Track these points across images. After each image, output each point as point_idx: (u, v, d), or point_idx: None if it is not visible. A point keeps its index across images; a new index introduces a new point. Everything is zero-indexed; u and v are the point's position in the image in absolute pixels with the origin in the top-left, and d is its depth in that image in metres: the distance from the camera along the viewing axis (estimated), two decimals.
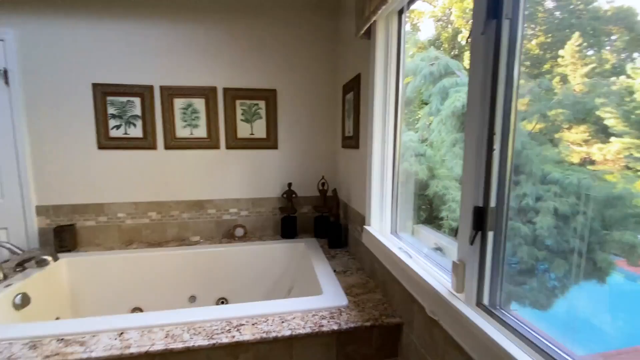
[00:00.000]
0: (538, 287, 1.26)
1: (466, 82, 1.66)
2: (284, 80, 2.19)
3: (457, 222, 1.50)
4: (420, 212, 1.97)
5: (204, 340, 1.07)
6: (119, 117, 2.02)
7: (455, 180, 1.88)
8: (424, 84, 2.08)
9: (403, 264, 1.12)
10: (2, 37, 1.86)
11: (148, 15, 1.98)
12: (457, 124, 1.81)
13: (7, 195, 1.96)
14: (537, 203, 1.22)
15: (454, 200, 1.84)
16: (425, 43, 2.37)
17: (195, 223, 2.18)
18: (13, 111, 1.91)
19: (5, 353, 1.01)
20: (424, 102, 2.05)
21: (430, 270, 1.05)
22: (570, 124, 1.14)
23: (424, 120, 2.08)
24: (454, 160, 1.86)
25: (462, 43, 2.32)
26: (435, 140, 1.93)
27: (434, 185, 1.93)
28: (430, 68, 1.97)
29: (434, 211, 1.94)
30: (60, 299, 1.75)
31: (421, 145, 2.01)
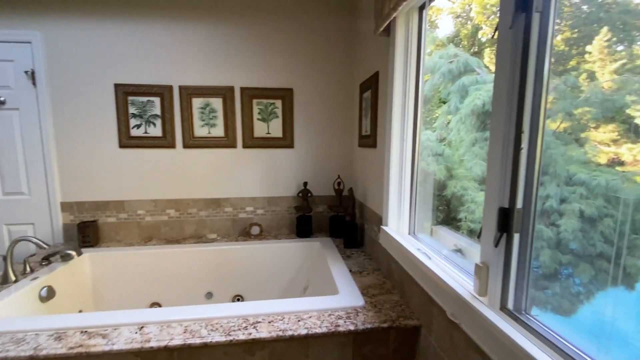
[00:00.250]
0: (561, 292, 1.22)
1: (487, 80, 1.61)
2: (301, 80, 2.19)
3: (476, 224, 1.46)
4: (437, 213, 1.93)
5: (221, 336, 1.08)
6: (140, 116, 2.06)
7: (474, 181, 1.83)
8: (442, 82, 2.04)
9: (422, 265, 1.10)
10: (29, 40, 1.94)
11: (167, 16, 2.02)
12: (477, 123, 1.77)
13: (34, 192, 2.03)
14: (561, 205, 1.18)
15: (472, 201, 1.79)
16: (443, 40, 2.33)
17: (212, 221, 2.21)
18: (40, 111, 1.98)
19: (32, 343, 1.05)
20: (442, 100, 2.01)
21: (450, 272, 1.03)
22: (597, 123, 1.09)
23: (442, 119, 2.04)
24: (473, 160, 1.81)
25: (482, 40, 2.26)
26: (453, 139, 1.89)
27: (452, 186, 1.89)
28: (449, 66, 1.93)
29: (451, 212, 1.91)
30: (83, 292, 1.81)
31: (439, 145, 1.97)
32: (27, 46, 1.94)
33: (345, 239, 1.98)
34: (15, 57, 1.94)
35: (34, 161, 2.01)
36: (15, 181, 2.01)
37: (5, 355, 0.99)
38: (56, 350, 1.02)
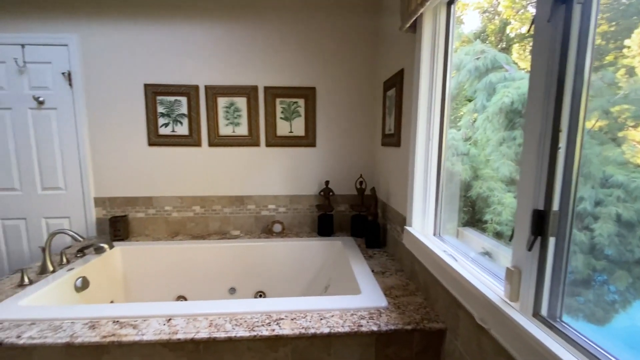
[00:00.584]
0: (594, 299, 1.16)
1: (516, 77, 1.55)
2: (323, 78, 2.19)
3: (503, 226, 1.41)
4: (462, 215, 1.88)
5: (245, 331, 1.10)
6: (167, 115, 2.13)
7: (501, 182, 1.77)
8: (468, 79, 1.98)
9: (449, 267, 1.07)
10: (66, 42, 2.04)
11: (194, 18, 2.07)
12: (505, 122, 1.70)
13: (70, 187, 2.15)
14: (596, 208, 1.12)
15: (499, 202, 1.73)
16: (469, 36, 2.26)
17: (236, 218, 2.26)
18: (76, 110, 2.09)
19: (68, 331, 1.11)
20: (468, 98, 1.96)
21: (479, 276, 1.00)
22: (637, 122, 1.02)
23: (467, 118, 1.99)
24: (500, 160, 1.75)
25: (510, 35, 2.17)
26: (479, 138, 1.84)
27: (477, 187, 1.84)
28: (475, 62, 1.87)
29: (476, 214, 1.85)
30: (115, 283, 1.89)
31: (464, 144, 1.92)
32: (65, 49, 2.04)
33: (367, 239, 1.96)
34: (54, 59, 2.05)
35: (69, 158, 2.12)
36: (53, 177, 2.13)
37: (44, 342, 1.05)
38: (90, 338, 1.07)
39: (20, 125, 2.08)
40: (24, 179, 2.12)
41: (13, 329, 1.12)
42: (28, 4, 1.99)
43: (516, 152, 1.45)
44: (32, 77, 2.05)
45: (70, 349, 1.07)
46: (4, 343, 1.05)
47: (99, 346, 1.07)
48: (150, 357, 1.09)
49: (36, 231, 2.17)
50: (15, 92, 2.05)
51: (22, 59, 2.02)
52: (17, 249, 2.18)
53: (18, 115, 2.07)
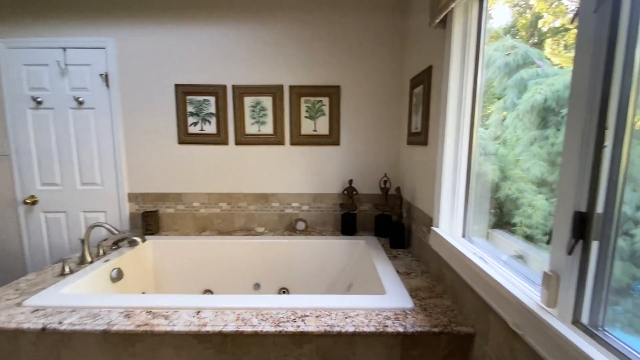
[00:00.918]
0: (634, 309, 1.08)
1: (549, 72, 1.47)
2: (348, 76, 2.18)
3: (533, 229, 1.34)
4: (489, 216, 1.81)
5: (271, 326, 1.12)
6: (196, 114, 2.20)
7: (532, 183, 1.70)
8: (497, 76, 1.91)
9: (480, 270, 1.04)
10: (104, 46, 2.15)
11: (222, 19, 2.12)
12: (537, 120, 1.63)
13: (106, 183, 2.26)
14: (637, 212, 1.05)
15: (529, 205, 1.66)
16: (498, 31, 2.18)
17: (260, 215, 2.29)
18: (112, 110, 2.19)
19: (106, 319, 1.17)
20: (497, 96, 1.89)
21: (512, 280, 0.96)
22: None
23: (496, 116, 1.92)
24: (531, 160, 1.68)
25: (543, 29, 2.08)
26: (509, 137, 1.77)
27: (506, 188, 1.77)
28: (505, 58, 1.80)
29: (504, 216, 1.78)
30: (146, 275, 1.98)
31: (492, 143, 1.85)
32: (102, 52, 2.15)
33: (391, 239, 1.94)
34: (92, 62, 2.17)
35: (106, 156, 2.23)
36: (91, 173, 2.25)
37: (83, 328, 1.12)
38: (126, 326, 1.12)
39: (62, 124, 2.21)
40: (64, 174, 2.25)
41: (55, 315, 1.19)
42: (70, 10, 2.11)
43: (549, 152, 1.39)
44: (73, 79, 2.17)
45: (107, 336, 1.12)
46: (48, 328, 1.12)
47: (133, 334, 1.12)
48: (180, 347, 1.13)
49: (75, 224, 2.30)
50: (57, 93, 2.18)
51: (64, 62, 2.14)
52: (58, 241, 2.33)
53: (60, 115, 2.20)
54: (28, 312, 1.21)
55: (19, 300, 1.29)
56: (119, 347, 1.13)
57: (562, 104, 1.30)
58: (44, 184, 2.26)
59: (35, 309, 1.23)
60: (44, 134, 2.22)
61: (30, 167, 2.24)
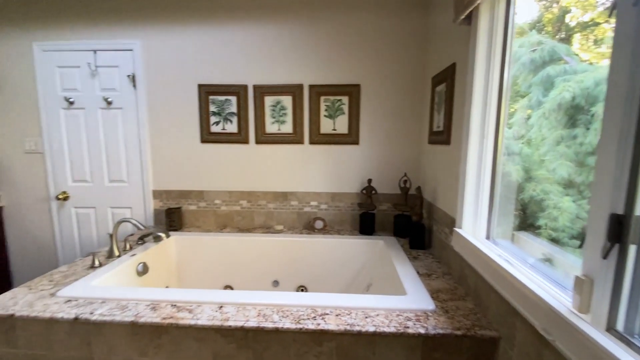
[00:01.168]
0: None
1: (577, 69, 1.41)
2: (368, 75, 2.16)
3: (559, 233, 1.29)
4: (509, 219, 1.76)
5: (291, 323, 1.13)
6: (218, 114, 2.24)
7: (558, 184, 1.63)
8: (521, 73, 1.85)
9: (506, 273, 1.01)
10: (131, 47, 2.23)
11: (244, 20, 2.15)
12: (564, 119, 1.56)
13: (132, 180, 2.34)
14: None
15: (555, 207, 1.60)
16: (524, 27, 2.11)
17: (279, 213, 2.32)
18: (138, 110, 2.27)
19: (133, 311, 1.21)
20: (521, 94, 1.83)
21: (540, 283, 0.93)
22: None
23: (520, 115, 1.86)
24: (558, 160, 1.61)
25: (570, 24, 1.99)
26: (533, 137, 1.70)
27: (530, 189, 1.71)
28: (530, 55, 1.74)
29: (528, 218, 1.72)
30: (170, 270, 2.04)
31: (516, 143, 1.79)
32: (130, 53, 2.23)
33: (411, 240, 1.91)
34: (120, 63, 2.25)
35: (132, 154, 2.31)
36: (118, 171, 2.34)
37: (113, 319, 1.16)
38: (152, 319, 1.16)
39: (92, 124, 2.31)
40: (94, 172, 2.35)
41: (87, 305, 1.25)
42: (100, 14, 2.20)
43: (577, 151, 1.33)
44: (102, 80, 2.26)
45: (135, 327, 1.17)
46: (80, 318, 1.17)
47: (159, 326, 1.16)
48: (203, 340, 1.16)
49: (103, 219, 2.40)
50: (88, 93, 2.28)
51: (94, 64, 2.24)
52: (87, 235, 2.43)
53: (90, 115, 2.30)
54: (61, 302, 1.27)
55: (53, 291, 1.36)
56: (145, 338, 1.18)
57: (591, 102, 1.25)
58: (75, 180, 2.37)
59: (68, 299, 1.29)
60: (75, 132, 2.32)
61: (63, 164, 2.35)
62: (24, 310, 1.21)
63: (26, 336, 1.21)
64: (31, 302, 1.27)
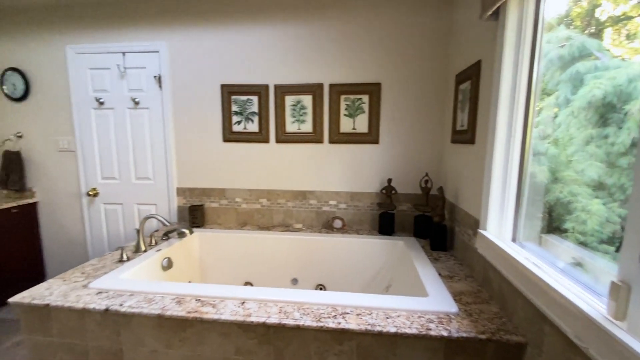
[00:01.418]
0: None
1: (609, 65, 1.34)
2: (389, 73, 2.14)
3: (587, 237, 1.23)
4: (536, 221, 1.70)
5: (312, 321, 1.13)
6: (240, 113, 2.28)
7: (586, 186, 1.55)
8: (548, 69, 1.78)
9: (534, 277, 0.98)
10: (158, 49, 2.30)
11: (265, 21, 2.18)
12: (595, 117, 1.49)
13: (157, 178, 2.42)
14: None
15: (583, 209, 1.53)
16: (552, 22, 2.03)
17: (298, 212, 2.33)
18: (164, 110, 2.34)
19: (160, 304, 1.25)
20: (547, 91, 1.76)
21: (571, 288, 0.89)
22: None
23: (546, 113, 1.79)
24: (587, 161, 1.54)
25: (600, 18, 1.90)
26: (560, 136, 1.63)
27: (557, 191, 1.64)
28: (559, 51, 1.67)
29: (553, 221, 1.66)
30: (192, 265, 2.09)
31: (542, 143, 1.73)
32: (156, 55, 2.30)
33: (432, 241, 1.88)
34: (147, 65, 2.33)
35: (157, 152, 2.39)
36: (144, 168, 2.43)
37: (140, 311, 1.21)
38: (177, 312, 1.19)
39: (120, 123, 2.40)
40: (122, 169, 2.45)
41: (117, 297, 1.30)
42: (128, 17, 2.29)
43: (608, 152, 1.27)
44: (130, 81, 2.35)
45: (161, 320, 1.21)
46: (110, 309, 1.23)
47: (184, 320, 1.19)
48: (226, 335, 1.18)
49: (129, 215, 2.50)
50: (117, 94, 2.37)
51: (123, 65, 2.33)
52: (114, 230, 2.54)
53: (119, 114, 2.39)
54: (93, 293, 1.33)
55: (85, 283, 1.43)
56: (170, 331, 1.21)
57: (624, 100, 1.19)
58: (104, 177, 2.47)
59: (99, 291, 1.35)
60: (105, 132, 2.42)
61: (93, 162, 2.46)
62: (58, 300, 1.27)
63: (60, 325, 1.28)
64: (65, 292, 1.34)
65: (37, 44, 2.41)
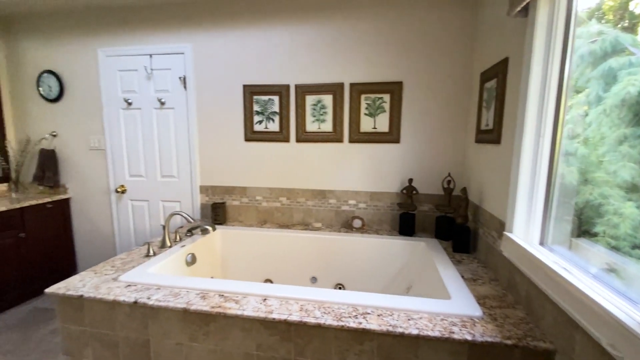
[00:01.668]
0: None
1: None
2: (412, 72, 2.11)
3: (620, 241, 1.17)
4: (564, 224, 1.63)
5: (333, 320, 1.14)
6: (261, 113, 2.31)
7: (619, 188, 1.48)
8: (578, 66, 1.71)
9: (565, 282, 0.94)
10: (183, 51, 2.36)
11: (287, 21, 2.20)
12: (628, 116, 1.41)
13: (181, 176, 2.50)
14: None
15: (615, 212, 1.45)
16: (582, 16, 1.95)
17: (318, 211, 2.34)
18: (188, 110, 2.41)
19: (185, 298, 1.29)
20: (577, 89, 1.69)
21: (605, 295, 0.85)
22: None
23: (576, 111, 1.71)
24: (620, 162, 1.46)
25: (635, 12, 1.80)
26: (591, 136, 1.56)
27: (586, 193, 1.57)
28: (590, 46, 1.59)
29: (582, 224, 1.59)
30: (215, 261, 2.15)
31: (570, 143, 1.66)
32: (181, 57, 2.37)
33: (454, 242, 1.84)
34: (172, 66, 2.40)
35: (182, 151, 2.46)
36: (169, 167, 2.50)
37: (167, 305, 1.25)
38: (202, 307, 1.23)
39: (147, 123, 2.49)
40: (148, 167, 2.54)
41: (144, 291, 1.35)
42: (155, 21, 2.36)
43: None
44: (157, 82, 2.43)
45: (186, 314, 1.25)
46: (139, 302, 1.28)
47: (208, 314, 1.22)
48: (248, 331, 1.21)
49: (155, 211, 2.58)
50: (144, 95, 2.46)
51: (150, 67, 2.41)
52: (141, 225, 2.63)
53: (145, 114, 2.48)
54: (122, 286, 1.39)
55: (115, 276, 1.49)
56: (195, 325, 1.25)
57: None
58: (132, 175, 2.57)
59: (128, 284, 1.41)
60: (132, 131, 2.52)
61: (121, 160, 2.57)
62: (91, 292, 1.34)
63: (92, 315, 1.34)
64: (97, 285, 1.40)
65: (71, 47, 2.54)
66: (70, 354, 1.39)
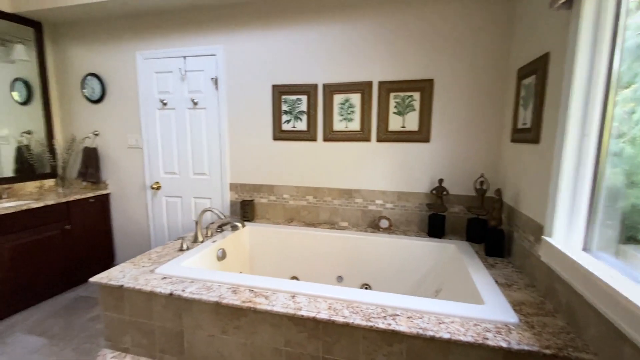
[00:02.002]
0: None
1: None
2: (443, 69, 2.06)
3: None
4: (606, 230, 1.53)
5: (362, 320, 1.14)
6: (290, 112, 2.34)
7: None
8: (625, 60, 1.60)
9: (612, 291, 0.88)
10: (214, 53, 2.44)
11: (315, 21, 2.21)
12: None
13: (212, 173, 2.58)
14: None
15: None
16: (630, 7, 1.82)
17: (344, 210, 2.34)
18: (219, 110, 2.48)
19: (217, 292, 1.34)
20: (623, 84, 1.57)
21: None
22: None
23: (622, 108, 1.60)
24: None
25: None
26: (638, 135, 1.45)
27: (632, 196, 1.46)
28: (638, 39, 1.48)
29: (628, 230, 1.48)
30: (243, 257, 2.20)
31: (616, 142, 1.54)
32: (213, 58, 2.44)
33: (487, 246, 1.78)
34: (205, 67, 2.48)
35: (213, 150, 2.54)
36: (201, 165, 2.59)
37: (200, 297, 1.30)
38: (233, 301, 1.27)
39: (180, 123, 2.59)
40: (181, 165, 2.64)
41: (179, 283, 1.41)
42: (189, 24, 2.45)
43: None
44: (190, 83, 2.52)
45: (218, 307, 1.29)
46: (174, 294, 1.33)
47: (239, 309, 1.26)
48: (277, 326, 1.23)
49: (187, 208, 2.69)
50: (178, 95, 2.56)
51: (184, 68, 2.50)
52: (174, 220, 2.75)
53: (179, 115, 2.58)
54: (159, 278, 1.46)
55: (152, 268, 1.57)
56: (226, 318, 1.29)
57: None
58: (166, 172, 2.69)
59: (164, 276, 1.48)
60: (167, 130, 2.63)
61: (157, 158, 2.69)
62: (130, 282, 1.42)
63: (131, 305, 1.42)
64: (136, 276, 1.48)
65: (112, 51, 2.69)
66: (111, 340, 1.48)
